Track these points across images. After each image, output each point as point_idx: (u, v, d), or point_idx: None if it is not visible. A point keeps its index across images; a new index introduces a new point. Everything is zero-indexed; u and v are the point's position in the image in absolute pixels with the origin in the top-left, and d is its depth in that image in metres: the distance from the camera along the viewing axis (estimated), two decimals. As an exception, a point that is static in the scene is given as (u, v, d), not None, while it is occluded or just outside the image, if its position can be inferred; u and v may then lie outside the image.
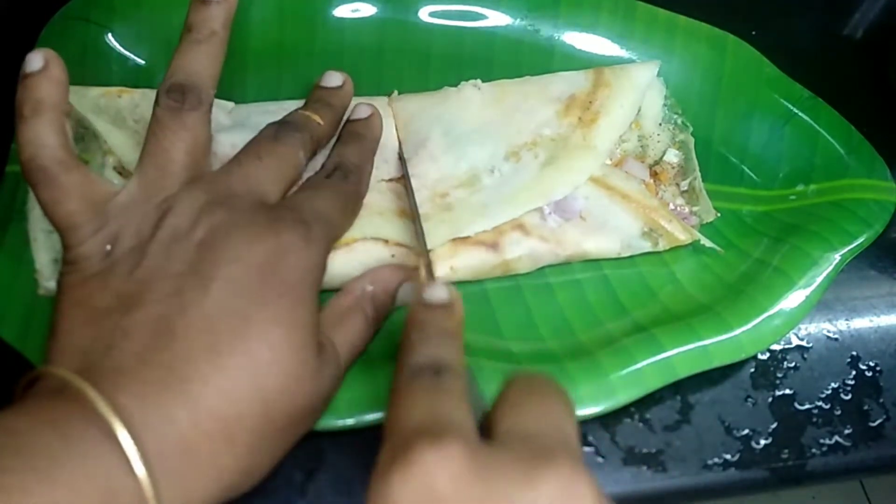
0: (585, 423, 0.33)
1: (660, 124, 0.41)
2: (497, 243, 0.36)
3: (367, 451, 0.32)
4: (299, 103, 0.38)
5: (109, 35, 0.39)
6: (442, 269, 0.35)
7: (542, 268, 0.37)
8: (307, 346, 0.27)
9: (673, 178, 0.40)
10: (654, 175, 0.40)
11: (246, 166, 0.30)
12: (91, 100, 0.36)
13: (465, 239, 0.36)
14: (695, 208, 0.40)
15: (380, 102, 0.39)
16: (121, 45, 0.40)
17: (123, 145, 0.35)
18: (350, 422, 0.31)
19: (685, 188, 0.40)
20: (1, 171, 0.36)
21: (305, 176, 0.33)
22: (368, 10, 0.42)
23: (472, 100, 0.39)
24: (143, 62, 0.40)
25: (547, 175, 0.38)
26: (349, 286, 0.32)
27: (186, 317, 0.25)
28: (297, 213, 0.29)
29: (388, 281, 0.33)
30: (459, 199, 0.37)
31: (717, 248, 0.38)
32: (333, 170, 0.33)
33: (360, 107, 0.36)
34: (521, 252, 0.36)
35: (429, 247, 0.35)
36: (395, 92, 0.40)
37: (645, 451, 0.33)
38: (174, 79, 0.30)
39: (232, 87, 0.40)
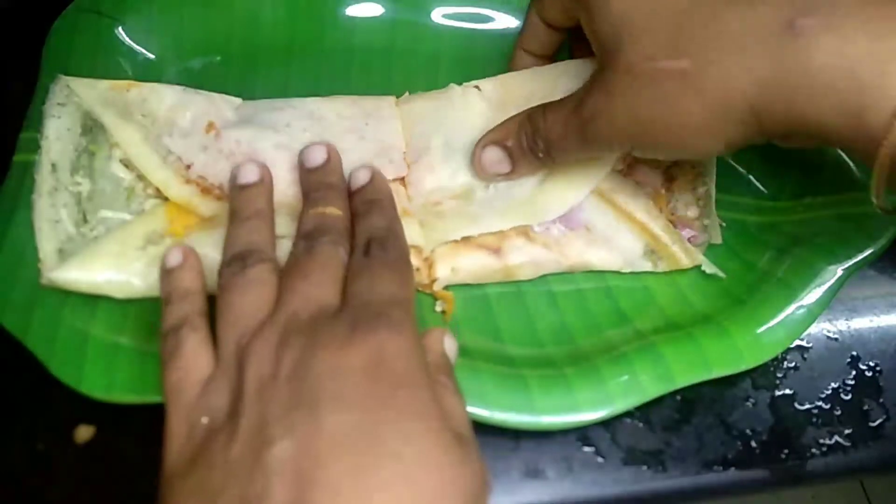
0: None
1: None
2: (500, 248, 0.36)
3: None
4: (306, 101, 0.38)
5: (120, 29, 0.40)
6: (443, 270, 0.35)
7: (545, 275, 0.37)
8: (443, 429, 0.25)
9: (689, 183, 0.39)
10: (669, 180, 0.39)
11: (299, 291, 0.28)
12: (100, 92, 0.36)
13: (467, 241, 0.36)
14: (706, 222, 0.39)
15: (388, 102, 0.40)
16: (131, 38, 0.40)
17: (130, 139, 0.35)
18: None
19: (700, 195, 0.39)
20: (8, 161, 0.36)
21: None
22: (379, 10, 0.43)
23: (474, 106, 0.39)
24: (152, 56, 0.40)
25: (542, 194, 0.37)
26: None
27: (311, 453, 0.23)
28: (369, 308, 0.27)
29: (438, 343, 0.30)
30: (451, 208, 0.37)
31: (720, 273, 0.37)
32: (367, 246, 0.30)
33: (357, 173, 0.34)
34: (524, 259, 0.36)
35: (427, 249, 0.35)
36: (408, 92, 0.40)
37: (645, 451, 0.33)
38: (230, 251, 0.30)
39: (241, 83, 0.40)
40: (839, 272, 0.36)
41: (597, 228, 0.37)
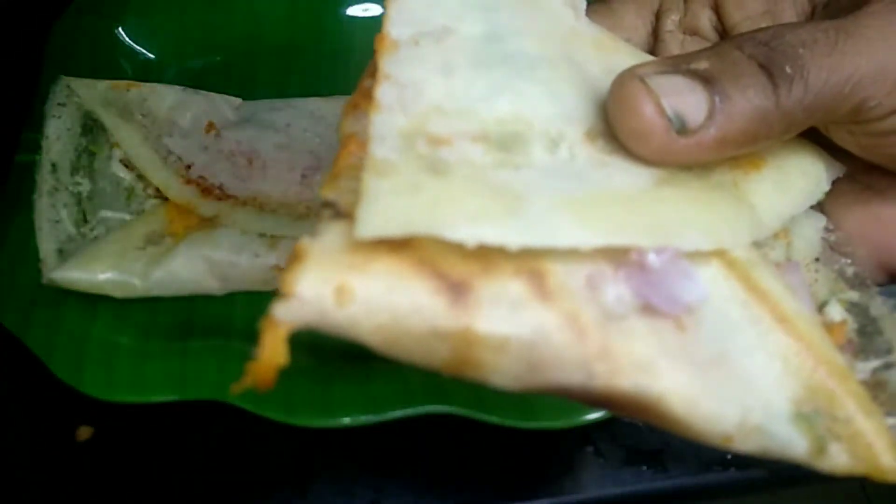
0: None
1: (816, 259, 0.23)
2: (466, 286, 0.16)
3: (366, 450, 0.32)
4: (306, 101, 0.38)
5: (120, 29, 0.40)
6: (312, 285, 0.15)
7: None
8: None
9: (849, 352, 0.22)
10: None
11: None
12: (100, 93, 0.36)
13: (401, 244, 0.16)
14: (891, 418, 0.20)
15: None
16: (131, 39, 0.40)
17: (130, 139, 0.35)
18: (347, 421, 0.30)
19: (864, 377, 0.21)
20: (8, 161, 0.36)
21: None
22: (379, 10, 0.43)
23: (563, 18, 0.22)
24: (152, 56, 0.40)
25: (667, 200, 0.19)
26: None
27: None
28: None
29: None
30: (468, 161, 0.18)
31: None
32: None
33: None
34: (509, 330, 0.16)
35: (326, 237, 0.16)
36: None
37: (645, 450, 0.33)
38: None
39: (241, 83, 0.40)
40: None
41: (705, 326, 0.18)
